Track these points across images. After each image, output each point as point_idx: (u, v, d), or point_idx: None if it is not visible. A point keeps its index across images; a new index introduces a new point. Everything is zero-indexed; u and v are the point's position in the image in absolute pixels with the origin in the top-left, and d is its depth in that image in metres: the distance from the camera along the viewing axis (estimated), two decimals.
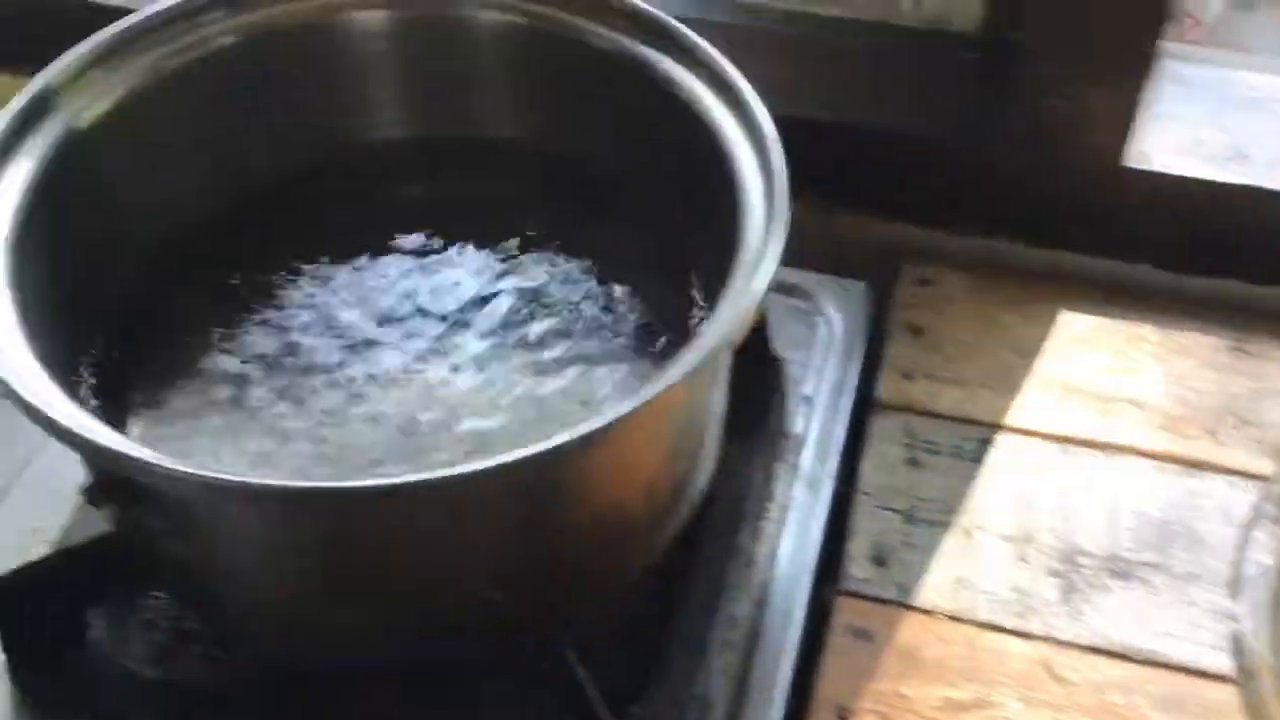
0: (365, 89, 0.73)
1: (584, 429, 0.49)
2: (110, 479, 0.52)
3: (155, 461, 0.47)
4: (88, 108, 0.64)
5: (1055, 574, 0.70)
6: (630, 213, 0.71)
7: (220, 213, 0.72)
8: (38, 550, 0.70)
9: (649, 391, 0.50)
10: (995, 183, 0.88)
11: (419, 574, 0.58)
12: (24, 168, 0.60)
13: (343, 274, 0.72)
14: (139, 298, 0.69)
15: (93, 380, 0.65)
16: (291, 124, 0.72)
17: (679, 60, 0.64)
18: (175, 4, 0.67)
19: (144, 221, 0.68)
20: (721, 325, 0.51)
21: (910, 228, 0.90)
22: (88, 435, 0.48)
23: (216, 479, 0.47)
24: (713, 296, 0.64)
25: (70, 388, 0.58)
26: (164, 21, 0.66)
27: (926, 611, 0.69)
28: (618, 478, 0.56)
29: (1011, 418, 0.78)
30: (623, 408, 0.49)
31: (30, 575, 0.63)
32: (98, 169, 0.64)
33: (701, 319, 0.66)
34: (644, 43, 0.66)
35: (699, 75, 0.63)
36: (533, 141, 0.73)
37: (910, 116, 0.89)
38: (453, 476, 0.47)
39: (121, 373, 0.67)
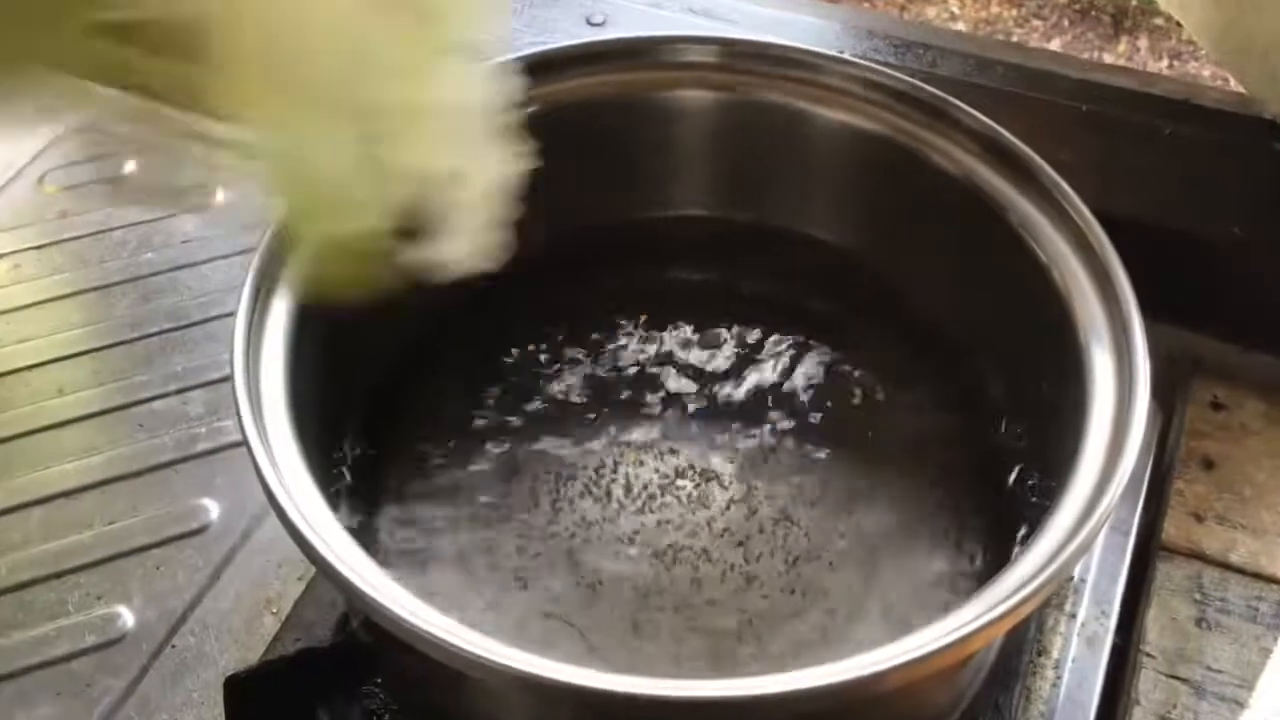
0: (669, 166, 0.69)
1: (916, 651, 0.44)
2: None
3: (489, 657, 0.43)
4: None
5: None
6: (931, 340, 0.64)
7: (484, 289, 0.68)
8: (267, 622, 0.68)
9: (981, 620, 0.44)
10: None
11: None
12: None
13: (602, 359, 0.68)
14: (396, 380, 0.66)
15: (350, 469, 0.62)
16: (575, 198, 0.68)
17: (1034, 202, 0.58)
18: None
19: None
20: (1062, 562, 0.45)
21: (1203, 339, 0.81)
22: (420, 628, 0.44)
23: (541, 677, 0.43)
24: (1023, 461, 0.59)
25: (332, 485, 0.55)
26: None
27: None
28: (933, 676, 0.51)
29: None
30: (954, 632, 0.44)
31: (269, 672, 0.60)
32: None
33: (1010, 476, 0.59)
34: (993, 169, 0.59)
35: (1057, 226, 0.57)
36: (842, 244, 0.67)
37: (1211, 214, 0.81)
38: (793, 691, 0.43)
39: (375, 462, 0.64)
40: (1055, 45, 2.47)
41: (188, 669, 0.66)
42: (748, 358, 0.68)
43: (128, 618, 0.67)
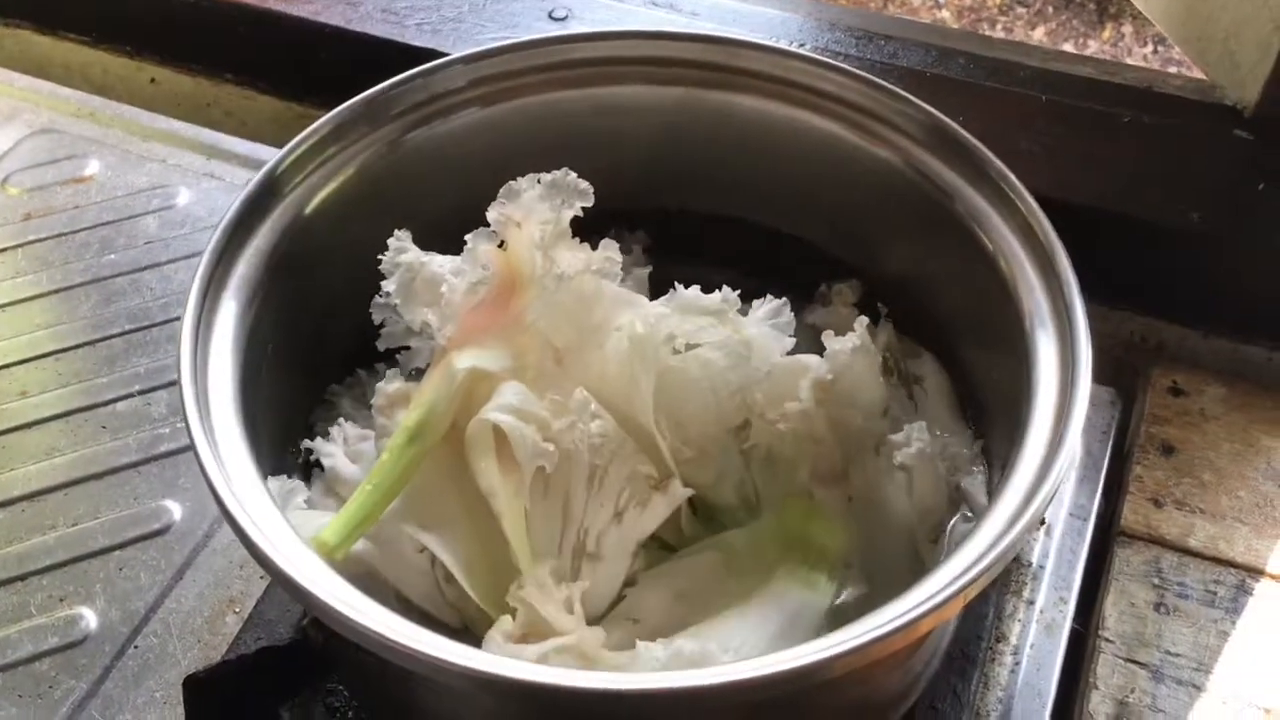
0: (614, 159, 0.67)
1: (862, 637, 0.44)
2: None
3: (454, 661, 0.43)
4: (318, 188, 0.60)
5: None
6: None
7: None
8: (229, 622, 0.68)
9: (930, 602, 0.44)
10: (1265, 283, 0.79)
11: None
12: (253, 258, 0.56)
13: None
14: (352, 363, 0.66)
15: (304, 470, 0.62)
16: None
17: (981, 191, 0.58)
18: (415, 73, 0.63)
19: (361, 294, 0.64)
20: (1006, 545, 0.45)
21: (1163, 325, 0.82)
22: (366, 626, 0.44)
23: (493, 675, 0.43)
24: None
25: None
26: (404, 91, 0.62)
27: None
28: (884, 661, 0.51)
29: (1273, 563, 0.70)
30: (899, 618, 0.44)
31: (229, 671, 0.60)
32: (322, 250, 0.61)
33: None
34: (941, 160, 0.59)
35: (1003, 215, 0.56)
36: (797, 234, 0.67)
37: (1170, 200, 0.81)
38: (741, 681, 0.43)
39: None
40: (1039, 33, 2.47)
41: (150, 669, 0.66)
42: None
43: (90, 619, 0.67)
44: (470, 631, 0.55)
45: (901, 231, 0.62)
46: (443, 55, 0.68)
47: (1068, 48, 2.34)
